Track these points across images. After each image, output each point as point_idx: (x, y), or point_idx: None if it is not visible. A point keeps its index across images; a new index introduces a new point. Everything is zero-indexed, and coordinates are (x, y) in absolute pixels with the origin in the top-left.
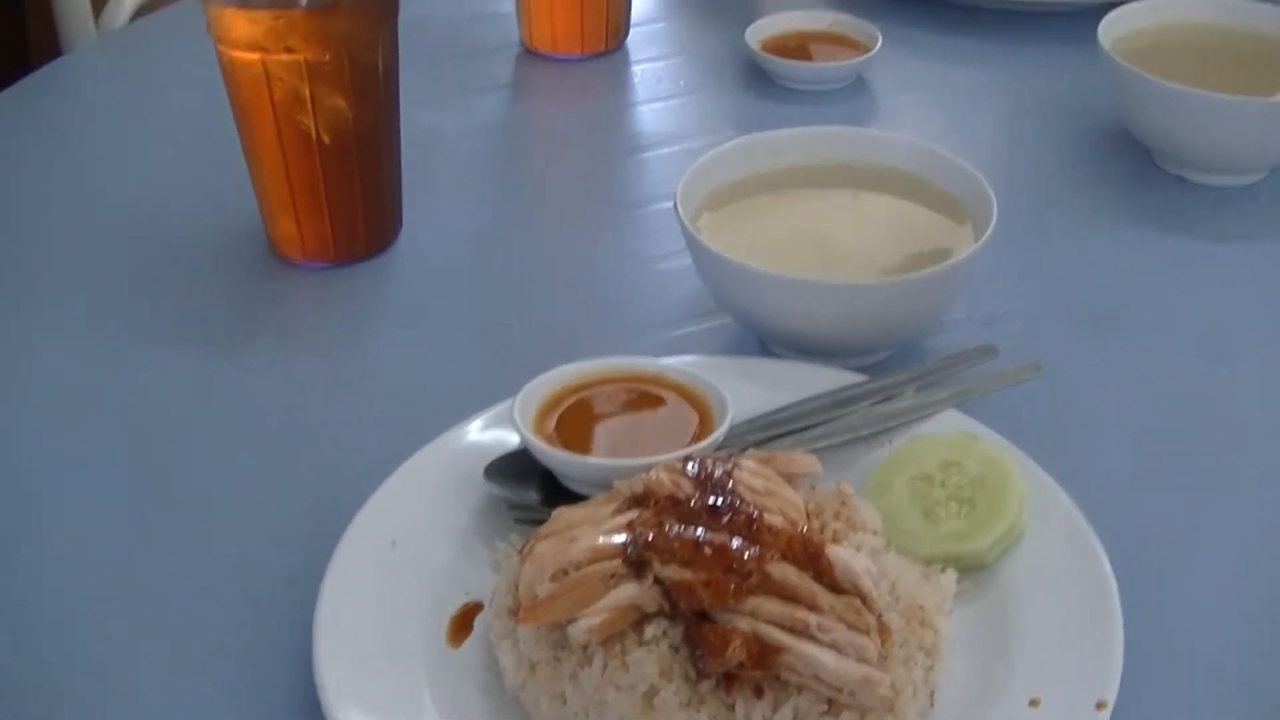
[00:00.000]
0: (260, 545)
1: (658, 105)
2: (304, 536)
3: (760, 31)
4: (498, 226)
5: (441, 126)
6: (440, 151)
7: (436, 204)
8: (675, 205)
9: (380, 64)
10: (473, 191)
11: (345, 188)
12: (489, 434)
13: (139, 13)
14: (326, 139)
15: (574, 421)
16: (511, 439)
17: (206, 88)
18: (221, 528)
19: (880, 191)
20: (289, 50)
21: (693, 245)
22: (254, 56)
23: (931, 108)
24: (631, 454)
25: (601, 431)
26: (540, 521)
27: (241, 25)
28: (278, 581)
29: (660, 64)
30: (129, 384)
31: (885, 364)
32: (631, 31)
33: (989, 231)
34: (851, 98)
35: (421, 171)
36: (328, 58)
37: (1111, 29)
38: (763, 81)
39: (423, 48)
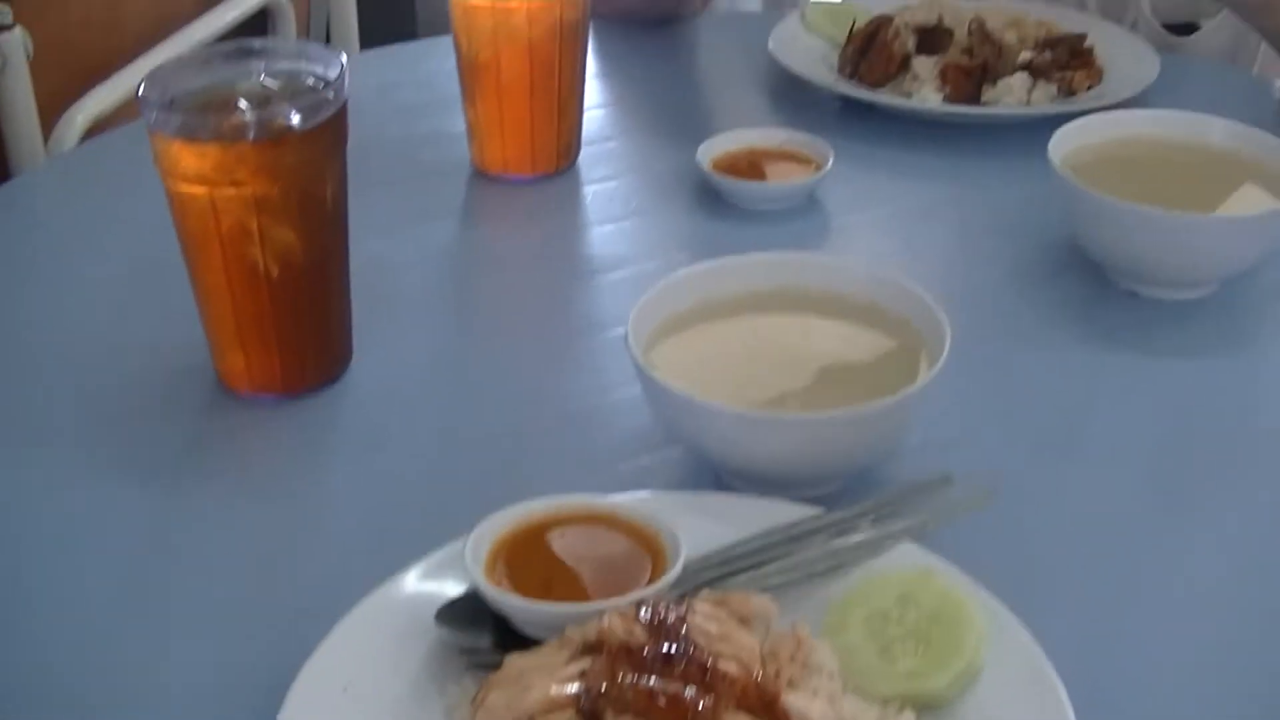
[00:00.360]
0: (210, 689)
1: (609, 227)
2: (255, 680)
3: (712, 150)
4: (450, 355)
5: (392, 252)
6: (391, 278)
7: (387, 333)
8: (627, 338)
9: (329, 195)
10: (424, 319)
11: (294, 320)
12: (441, 575)
13: (89, 132)
14: (275, 271)
15: (526, 564)
16: (464, 580)
17: (156, 211)
18: (170, 671)
19: (835, 318)
20: (236, 184)
21: (644, 379)
22: (201, 190)
23: (884, 225)
24: (585, 597)
25: (554, 574)
26: (494, 666)
27: (188, 159)
28: None
29: (612, 184)
30: (69, 521)
31: (841, 492)
32: (583, 150)
33: (942, 360)
34: (804, 216)
35: (372, 299)
36: (276, 191)
37: (1061, 144)
38: (715, 201)
39: (373, 171)
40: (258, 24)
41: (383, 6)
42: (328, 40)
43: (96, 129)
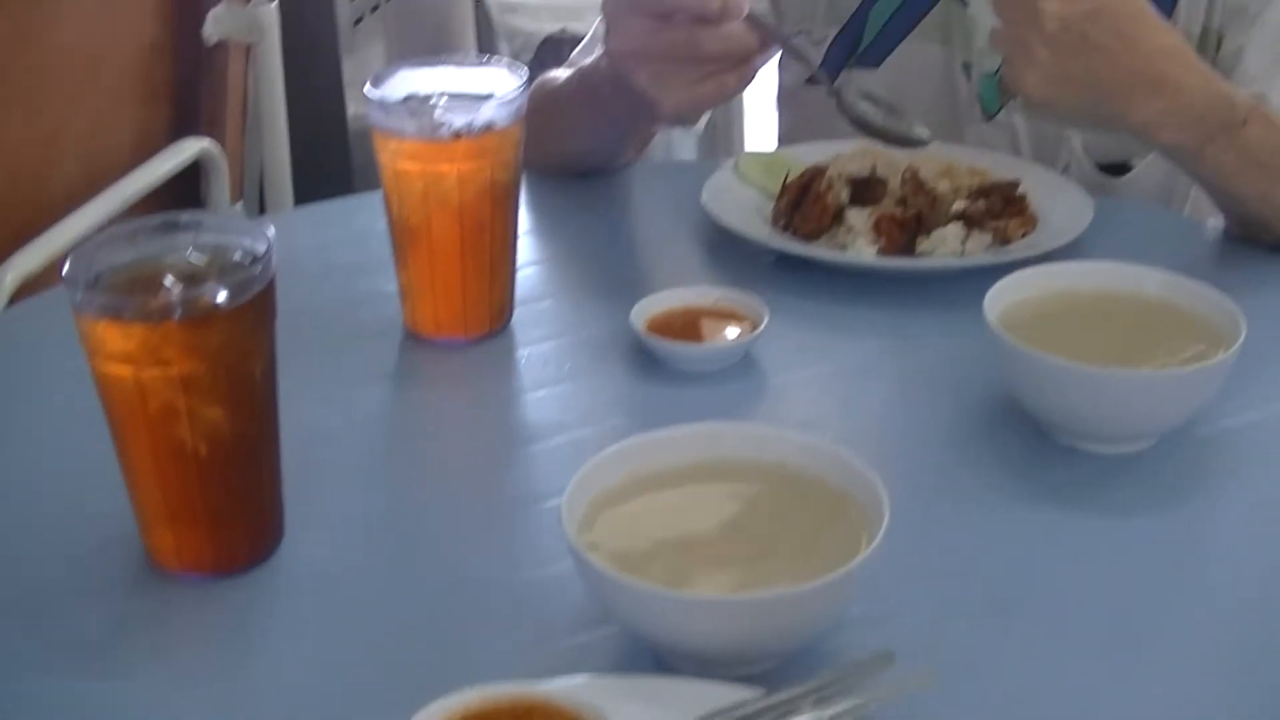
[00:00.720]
0: None
1: (544, 392)
2: None
3: (646, 310)
4: (383, 528)
5: (324, 420)
6: (323, 447)
7: (320, 506)
8: (561, 518)
9: (259, 371)
10: (357, 490)
11: (224, 498)
12: None
13: (20, 291)
14: (204, 450)
15: None
16: None
17: (84, 378)
18: None
19: (773, 488)
20: (163, 364)
21: (578, 561)
22: (127, 370)
23: (821, 383)
24: None
25: None
26: None
27: (114, 338)
28: None
29: (546, 346)
30: None
31: (782, 667)
32: (517, 311)
33: (880, 535)
34: (741, 376)
35: (304, 470)
36: (204, 370)
37: (997, 300)
38: (650, 362)
39: (305, 334)
40: (190, 177)
41: (317, 155)
42: (261, 191)
43: (27, 288)
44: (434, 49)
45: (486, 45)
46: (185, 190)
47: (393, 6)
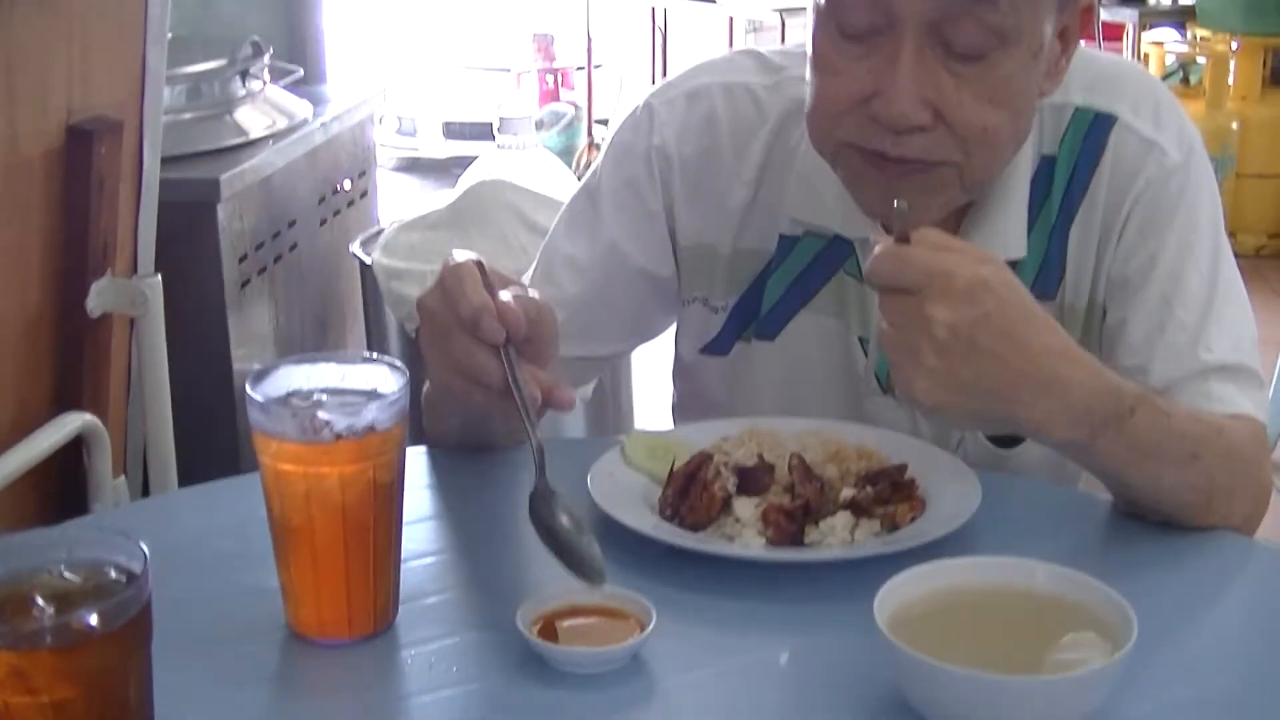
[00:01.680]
0: None
1: (428, 698)
2: None
3: (532, 610)
4: None
5: None
6: None
7: None
8: None
9: (132, 693)
10: None
11: None
12: None
13: None
14: None
15: None
16: None
17: None
18: None
19: None
20: (32, 691)
21: None
22: None
23: (711, 686)
24: None
25: None
26: None
27: None
28: None
29: (433, 647)
30: None
31: None
32: (402, 608)
33: None
34: (630, 679)
35: None
36: (75, 695)
37: (887, 602)
38: (538, 663)
39: (183, 631)
40: (73, 450)
41: (204, 417)
42: (145, 465)
43: None
44: (320, 311)
45: (373, 309)
46: (67, 465)
47: (280, 268)
